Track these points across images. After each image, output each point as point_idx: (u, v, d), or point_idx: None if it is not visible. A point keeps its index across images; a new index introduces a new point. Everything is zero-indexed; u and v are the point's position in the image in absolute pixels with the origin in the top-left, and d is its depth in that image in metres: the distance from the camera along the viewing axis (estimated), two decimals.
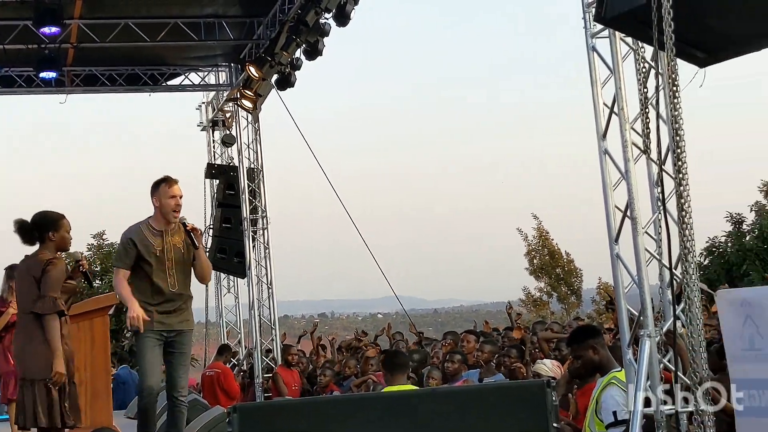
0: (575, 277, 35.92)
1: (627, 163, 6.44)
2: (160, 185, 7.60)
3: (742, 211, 27.10)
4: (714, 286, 23.97)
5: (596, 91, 6.73)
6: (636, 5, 5.16)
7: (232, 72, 17.28)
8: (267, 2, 14.71)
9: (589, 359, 6.58)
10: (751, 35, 5.24)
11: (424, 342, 13.53)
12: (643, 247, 6.33)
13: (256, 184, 16.52)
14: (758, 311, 5.40)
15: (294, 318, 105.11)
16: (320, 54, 14.20)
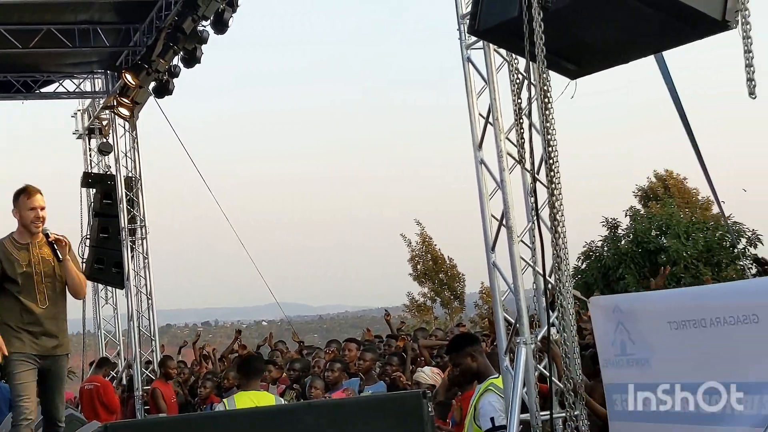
0: (458, 282, 36.28)
1: (502, 173, 6.54)
2: (20, 196, 7.22)
3: (617, 216, 27.84)
4: (591, 289, 24.60)
5: (471, 101, 6.82)
6: (508, 18, 5.22)
7: (108, 79, 16.91)
8: (143, 9, 14.46)
9: (468, 367, 6.64)
10: (619, 48, 5.36)
11: (306, 351, 13.48)
12: (518, 256, 6.43)
13: (135, 193, 16.21)
14: (629, 318, 5.53)
15: (177, 327, 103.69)
16: (198, 61, 14.05)
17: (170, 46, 13.61)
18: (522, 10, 4.99)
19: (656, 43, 5.32)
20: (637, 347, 5.50)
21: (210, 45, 13.83)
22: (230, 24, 13.11)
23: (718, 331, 5.00)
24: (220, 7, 12.90)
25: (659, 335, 5.30)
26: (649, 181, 35.30)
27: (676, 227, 25.91)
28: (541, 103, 5.26)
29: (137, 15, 14.76)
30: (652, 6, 4.75)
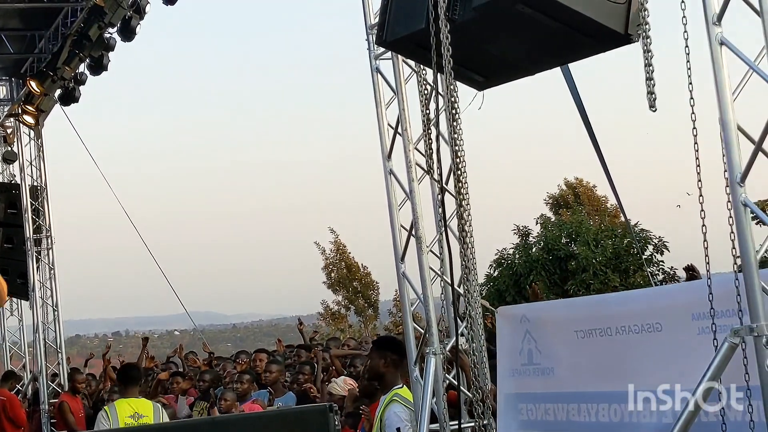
0: (372, 290, 36.37)
1: (411, 183, 6.55)
2: None
3: (528, 224, 28.19)
4: (503, 296, 24.90)
5: (380, 111, 6.82)
6: (415, 29, 5.23)
7: (12, 86, 16.55)
8: (49, 15, 14.20)
9: (377, 366, 6.56)
10: (525, 60, 5.41)
11: (215, 362, 13.34)
12: (427, 266, 6.44)
13: (40, 203, 15.88)
14: (537, 327, 5.58)
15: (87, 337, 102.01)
16: (105, 69, 13.82)
17: (76, 53, 13.39)
18: (429, 22, 5.00)
19: (562, 55, 5.38)
20: (544, 356, 5.55)
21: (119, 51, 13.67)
22: (137, 31, 12.93)
23: (622, 340, 5.07)
24: (127, 14, 12.72)
25: (566, 344, 5.36)
26: (559, 189, 35.83)
27: (585, 234, 26.34)
28: (449, 114, 5.27)
29: (43, 22, 14.49)
30: (557, 20, 4.80)
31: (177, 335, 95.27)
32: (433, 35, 5.01)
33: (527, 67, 5.56)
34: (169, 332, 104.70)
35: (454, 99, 5.24)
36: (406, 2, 5.37)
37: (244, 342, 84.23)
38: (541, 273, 25.91)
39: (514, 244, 27.61)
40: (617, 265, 26.05)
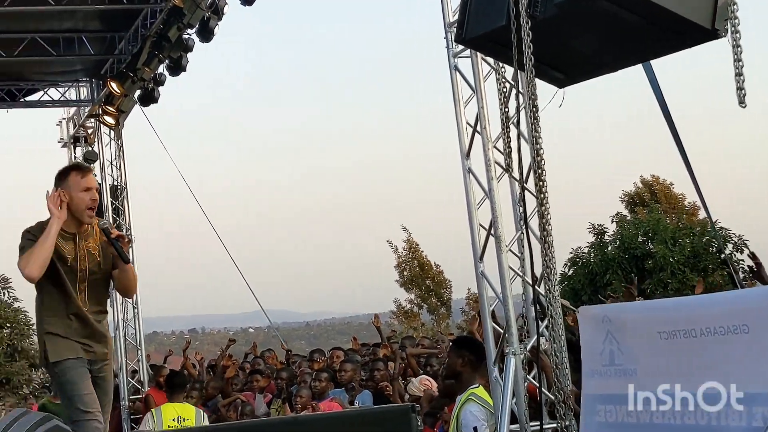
0: (445, 289, 36.31)
1: (490, 182, 6.51)
2: (69, 174, 5.99)
3: (604, 222, 27.87)
4: (578, 295, 24.64)
5: (459, 110, 6.79)
6: (496, 26, 5.19)
7: (93, 87, 16.81)
8: (128, 17, 14.40)
9: (454, 365, 6.55)
10: (607, 57, 5.33)
11: (292, 359, 13.42)
12: (507, 265, 6.40)
13: (120, 202, 16.13)
14: (619, 328, 5.50)
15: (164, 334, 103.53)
16: (184, 70, 13.99)
17: (155, 55, 13.56)
18: (510, 19, 4.95)
19: (645, 51, 5.30)
20: (626, 358, 5.46)
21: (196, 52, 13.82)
22: (216, 32, 13.07)
23: (708, 342, 4.97)
24: (206, 15, 12.85)
25: (649, 345, 5.26)
26: (635, 187, 35.40)
27: (662, 233, 25.94)
28: (530, 112, 5.22)
29: (122, 23, 14.70)
30: (640, 15, 4.72)
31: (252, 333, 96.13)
32: (514, 32, 4.97)
33: (609, 63, 5.48)
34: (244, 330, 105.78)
35: (534, 97, 5.20)
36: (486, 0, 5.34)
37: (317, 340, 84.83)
38: (617, 272, 25.58)
39: (589, 243, 27.31)
40: (695, 264, 25.61)
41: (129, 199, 16.19)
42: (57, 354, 5.85)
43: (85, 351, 5.95)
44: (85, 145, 17.42)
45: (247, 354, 15.44)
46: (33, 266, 5.72)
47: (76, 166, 6.21)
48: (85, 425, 5.75)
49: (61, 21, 14.51)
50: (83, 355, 5.93)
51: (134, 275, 6.23)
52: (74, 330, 5.94)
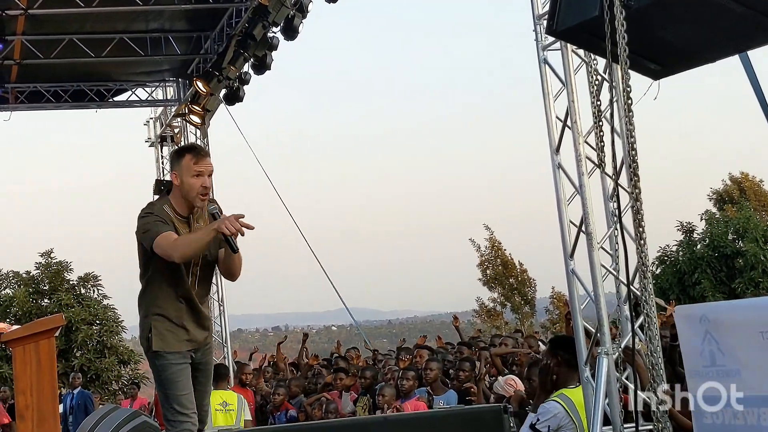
0: (529, 287, 36.02)
1: (581, 178, 6.36)
2: (184, 156, 5.85)
3: (692, 220, 27.34)
4: (666, 294, 24.17)
5: (548, 104, 6.66)
6: (588, 17, 5.05)
7: (179, 87, 17.04)
8: (214, 16, 14.54)
9: (548, 366, 6.38)
10: (704, 47, 5.16)
11: (378, 358, 13.38)
12: (598, 263, 6.25)
13: None
14: (718, 328, 5.31)
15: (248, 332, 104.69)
16: (268, 68, 14.05)
17: (241, 53, 13.64)
18: (603, 9, 4.81)
19: (744, 41, 5.11)
20: (727, 358, 5.27)
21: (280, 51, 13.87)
22: (300, 30, 13.10)
23: None
24: (290, 13, 12.90)
25: (751, 346, 5.07)
26: (724, 184, 34.71)
27: (753, 231, 25.33)
28: (624, 105, 5.07)
29: (208, 23, 14.85)
30: (740, 2, 4.55)
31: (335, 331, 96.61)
32: (608, 23, 4.83)
33: (706, 54, 5.30)
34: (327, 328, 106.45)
35: (629, 90, 5.05)
36: None
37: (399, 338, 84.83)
38: (707, 271, 25.05)
39: (677, 241, 26.80)
40: None
41: (214, 196, 16.31)
42: (162, 344, 5.78)
43: (188, 342, 5.86)
44: (172, 144, 17.63)
45: (333, 353, 15.47)
46: (185, 253, 5.60)
47: (192, 148, 6.04)
48: (180, 426, 5.71)
49: (148, 21, 14.72)
50: (187, 348, 5.85)
51: (240, 261, 5.91)
52: (183, 313, 5.85)
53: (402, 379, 9.34)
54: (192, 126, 16.08)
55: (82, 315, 26.07)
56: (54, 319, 10.97)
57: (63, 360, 24.37)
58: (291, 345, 29.41)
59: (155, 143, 18.21)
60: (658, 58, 5.32)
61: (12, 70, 15.50)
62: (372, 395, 10.00)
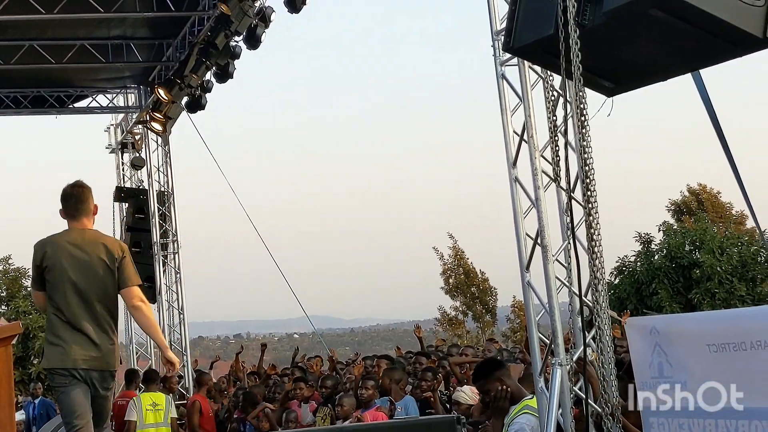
0: (490, 296, 36.11)
1: (537, 191, 6.46)
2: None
3: (650, 231, 27.59)
4: (624, 304, 24.38)
5: (506, 118, 6.75)
6: (544, 35, 5.14)
7: (141, 94, 17.01)
8: (176, 24, 14.54)
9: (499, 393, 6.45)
10: (657, 66, 5.26)
11: (339, 366, 13.40)
12: (554, 275, 6.34)
13: (167, 208, 16.28)
14: (667, 340, 5.43)
15: (209, 339, 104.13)
16: (231, 77, 14.08)
17: (203, 62, 13.66)
18: (558, 27, 4.90)
19: (695, 60, 5.21)
20: (675, 370, 5.39)
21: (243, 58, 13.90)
22: (263, 39, 13.14)
23: (758, 354, 4.89)
24: (253, 22, 12.93)
25: (697, 358, 5.19)
26: (682, 196, 35.04)
27: (710, 242, 25.62)
28: (578, 122, 5.16)
29: (170, 30, 14.85)
30: (691, 24, 4.66)
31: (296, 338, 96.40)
32: (562, 41, 4.92)
33: (659, 72, 5.41)
34: (289, 335, 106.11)
35: (583, 106, 5.14)
36: (534, 8, 5.28)
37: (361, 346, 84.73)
38: (664, 281, 25.29)
39: (635, 252, 27.05)
40: (743, 274, 25.25)
41: (175, 204, 16.31)
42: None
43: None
44: (132, 151, 17.61)
45: (296, 361, 15.48)
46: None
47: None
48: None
49: (110, 28, 14.70)
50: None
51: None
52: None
53: (361, 388, 9.37)
54: (153, 133, 16.06)
55: (40, 322, 25.90)
56: (12, 327, 10.90)
57: (20, 368, 24.19)
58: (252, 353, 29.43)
59: (116, 150, 18.14)
60: (612, 76, 5.42)
61: None
62: (332, 405, 10.01)
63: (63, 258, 6.26)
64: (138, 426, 11.90)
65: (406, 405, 9.10)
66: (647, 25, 4.76)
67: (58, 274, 6.27)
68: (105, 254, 6.29)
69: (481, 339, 31.29)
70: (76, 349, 6.22)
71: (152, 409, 12.04)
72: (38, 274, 6.40)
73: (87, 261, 6.26)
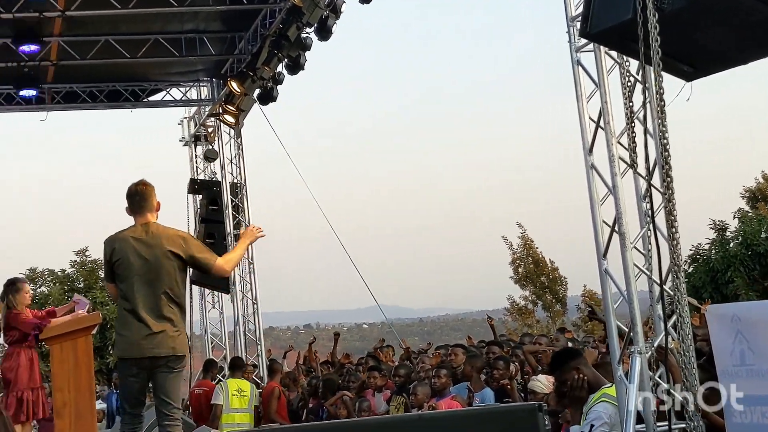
0: (560, 286, 35.84)
1: (614, 178, 6.40)
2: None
3: (725, 219, 27.16)
4: (699, 293, 24.05)
5: (581, 105, 6.70)
6: (622, 20, 5.09)
7: (213, 87, 17.20)
8: (248, 17, 14.66)
9: (577, 382, 6.42)
10: (737, 49, 5.19)
11: (412, 356, 13.42)
12: (632, 263, 6.29)
13: (240, 199, 16.44)
14: (748, 327, 5.35)
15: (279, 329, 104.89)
16: (302, 68, 14.16)
17: (275, 54, 13.75)
18: (636, 12, 4.86)
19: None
20: (757, 357, 5.31)
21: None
22: (334, 30, 13.18)
23: None
24: (324, 14, 12.98)
25: None
26: (756, 182, 34.41)
27: None
28: (657, 107, 5.12)
29: (242, 23, 14.97)
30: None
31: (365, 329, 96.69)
32: (641, 26, 4.87)
33: (739, 56, 5.33)
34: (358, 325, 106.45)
35: (661, 91, 5.09)
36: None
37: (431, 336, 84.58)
38: (739, 269, 24.88)
39: (710, 240, 26.64)
40: None
41: (248, 196, 16.46)
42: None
43: None
44: (205, 144, 17.80)
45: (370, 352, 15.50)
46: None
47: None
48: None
49: (183, 22, 14.87)
50: None
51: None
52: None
53: (435, 377, 9.37)
54: (225, 125, 16.22)
55: (116, 313, 26.35)
56: (92, 317, 11.12)
57: (98, 358, 24.66)
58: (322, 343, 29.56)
59: (189, 142, 18.36)
60: (691, 60, 5.36)
61: (48, 70, 15.73)
62: (406, 394, 10.02)
63: (129, 253, 6.72)
64: (224, 410, 12.45)
65: (484, 397, 9.06)
66: (728, 8, 4.70)
67: (126, 268, 6.73)
68: (168, 246, 6.73)
69: (551, 329, 31.10)
70: (140, 338, 6.64)
71: (238, 394, 12.60)
72: (109, 269, 6.90)
73: (151, 254, 6.70)
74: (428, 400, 9.06)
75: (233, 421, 12.51)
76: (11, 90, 15.84)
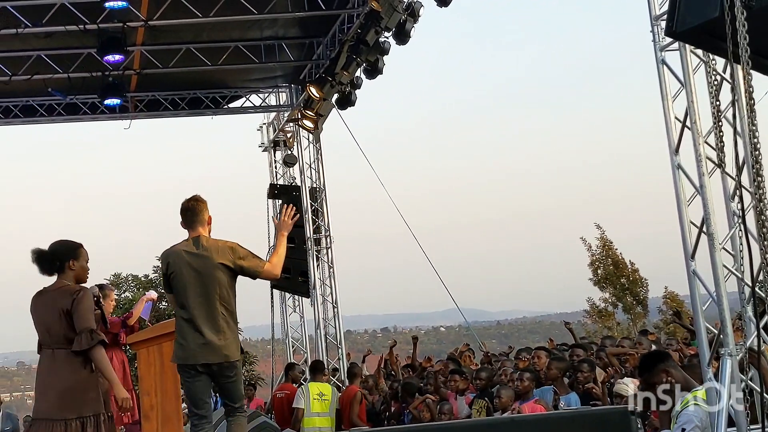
0: (641, 287, 35.42)
1: (701, 178, 6.33)
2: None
3: None
4: None
5: (667, 105, 6.63)
6: (708, 18, 5.03)
7: (292, 92, 17.34)
8: (326, 22, 14.75)
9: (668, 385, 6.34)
10: None
11: (493, 359, 13.38)
12: (721, 263, 6.20)
13: (319, 204, 16.54)
14: None
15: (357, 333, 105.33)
16: (380, 72, 14.18)
17: (353, 59, 13.80)
18: (724, 10, 4.79)
19: None
20: None
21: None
22: (412, 34, 13.20)
23: None
24: (402, 18, 12.99)
25: None
26: None
27: None
28: (746, 105, 5.04)
29: (321, 29, 15.07)
30: None
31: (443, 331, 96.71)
32: (728, 24, 4.81)
33: None
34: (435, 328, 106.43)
35: (751, 89, 5.01)
36: None
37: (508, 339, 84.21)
38: None
39: None
40: None
41: (327, 200, 16.56)
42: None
43: None
44: (284, 149, 17.96)
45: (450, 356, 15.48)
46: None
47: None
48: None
49: (262, 29, 15.02)
50: None
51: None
52: None
53: (518, 380, 9.32)
54: (305, 131, 16.34)
55: None
56: None
57: None
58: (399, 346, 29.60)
59: (268, 148, 18.55)
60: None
61: (132, 79, 16.00)
62: (488, 397, 9.98)
63: (182, 266, 7.07)
64: (305, 414, 12.49)
65: (570, 400, 8.95)
66: None
67: (180, 280, 7.08)
68: (218, 259, 7.04)
69: (632, 331, 30.72)
70: (195, 347, 7.01)
71: (319, 398, 12.59)
72: (166, 281, 7.25)
73: (203, 267, 7.04)
74: (512, 403, 9.01)
75: (314, 425, 12.53)
76: (96, 99, 16.15)
